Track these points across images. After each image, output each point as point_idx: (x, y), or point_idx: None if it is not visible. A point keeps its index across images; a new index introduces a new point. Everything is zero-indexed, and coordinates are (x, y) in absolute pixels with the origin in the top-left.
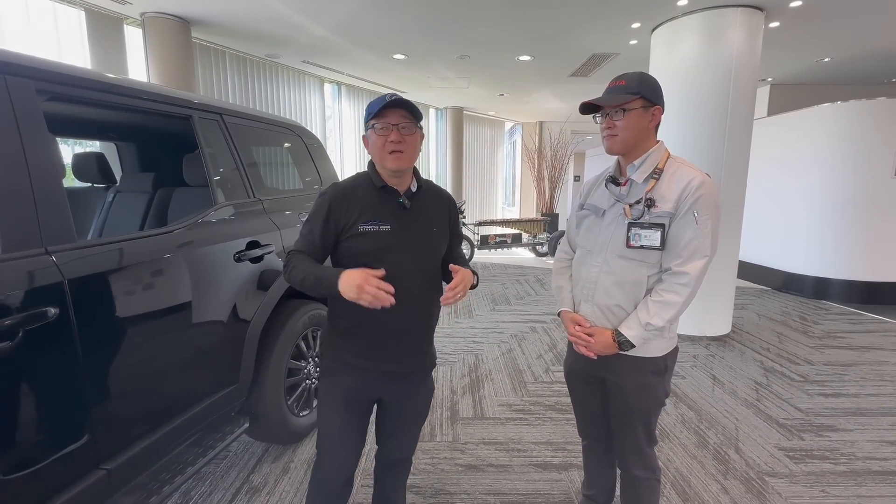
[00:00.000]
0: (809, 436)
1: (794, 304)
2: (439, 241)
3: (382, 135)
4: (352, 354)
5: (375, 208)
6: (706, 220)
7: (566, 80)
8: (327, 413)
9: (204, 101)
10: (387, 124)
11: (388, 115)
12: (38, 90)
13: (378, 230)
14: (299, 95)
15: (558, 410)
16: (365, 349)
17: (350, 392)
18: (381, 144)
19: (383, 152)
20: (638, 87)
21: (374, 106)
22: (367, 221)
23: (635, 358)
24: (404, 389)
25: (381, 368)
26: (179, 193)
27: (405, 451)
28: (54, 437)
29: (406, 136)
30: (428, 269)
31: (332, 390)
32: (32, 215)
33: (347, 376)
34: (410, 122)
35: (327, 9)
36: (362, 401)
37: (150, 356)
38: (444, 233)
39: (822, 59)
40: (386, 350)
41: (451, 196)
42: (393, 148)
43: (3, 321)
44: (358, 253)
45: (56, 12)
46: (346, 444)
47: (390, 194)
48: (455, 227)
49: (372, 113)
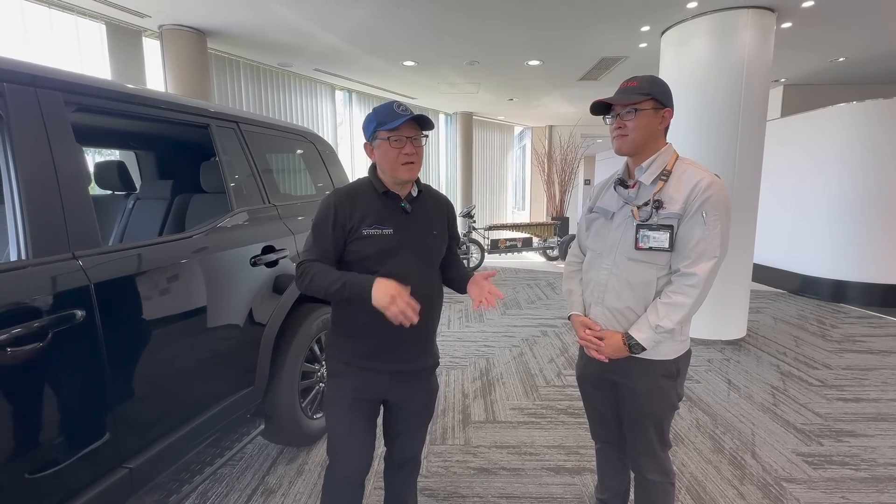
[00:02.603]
0: (829, 441)
1: (812, 307)
2: (439, 244)
3: (397, 147)
4: (356, 355)
5: (378, 212)
6: (715, 221)
7: (575, 84)
8: (335, 414)
9: (221, 109)
10: (401, 137)
11: (402, 128)
12: (66, 102)
13: (381, 234)
14: (311, 103)
15: (570, 414)
16: (369, 350)
17: (356, 392)
18: (395, 156)
19: (397, 163)
20: (649, 88)
21: (386, 117)
22: (371, 225)
23: (647, 361)
24: (409, 388)
25: (385, 368)
26: (197, 200)
27: (413, 451)
28: (80, 436)
29: (417, 147)
30: (429, 271)
31: (338, 391)
32: (61, 222)
33: (353, 377)
34: (421, 135)
35: (339, 18)
36: (369, 401)
37: (170, 358)
38: (443, 235)
39: (837, 59)
40: (389, 350)
41: (448, 200)
42: (407, 160)
43: (33, 323)
44: (362, 256)
45: (78, 26)
46: (357, 444)
47: (392, 199)
48: (452, 229)
49: (385, 125)
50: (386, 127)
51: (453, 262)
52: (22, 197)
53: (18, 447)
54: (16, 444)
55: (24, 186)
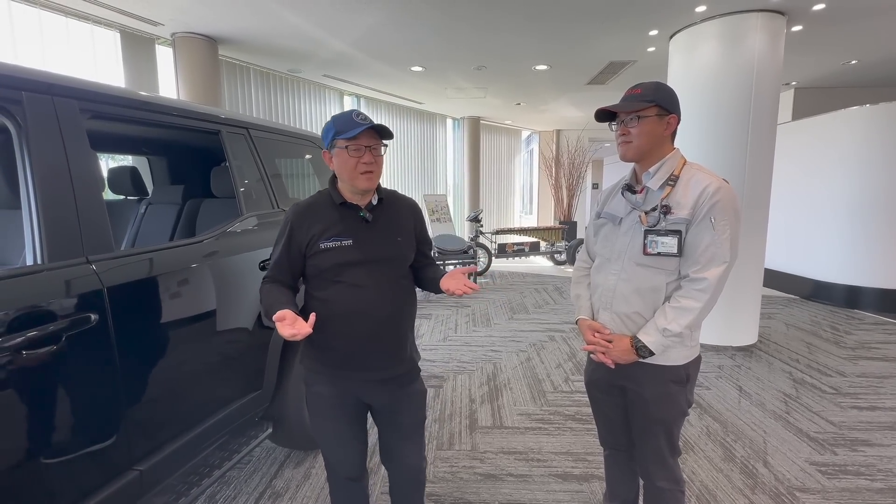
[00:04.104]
0: (843, 450)
1: (825, 313)
2: (405, 250)
3: (355, 156)
4: (326, 364)
5: (336, 224)
6: (724, 226)
7: (583, 89)
8: (315, 420)
9: (231, 115)
10: (360, 146)
11: (361, 136)
12: (81, 109)
13: (340, 245)
14: (320, 108)
15: (578, 420)
16: (339, 358)
17: (332, 399)
18: (354, 165)
19: (355, 173)
20: (653, 95)
21: (345, 126)
22: (329, 238)
23: (656, 366)
24: (388, 395)
25: (357, 377)
26: (207, 205)
27: (410, 458)
28: (92, 438)
29: (376, 156)
30: (395, 279)
31: (315, 399)
32: (76, 227)
33: (326, 384)
34: (380, 143)
35: (348, 25)
36: (349, 404)
37: (180, 361)
38: (409, 241)
39: (849, 62)
40: (357, 359)
41: (414, 203)
42: (365, 169)
43: (48, 326)
44: (322, 269)
45: (93, 34)
46: (341, 445)
47: (351, 209)
48: (421, 233)
49: (343, 133)
50: (344, 136)
51: (426, 264)
52: (38, 202)
53: (32, 448)
54: (30, 445)
55: (41, 192)
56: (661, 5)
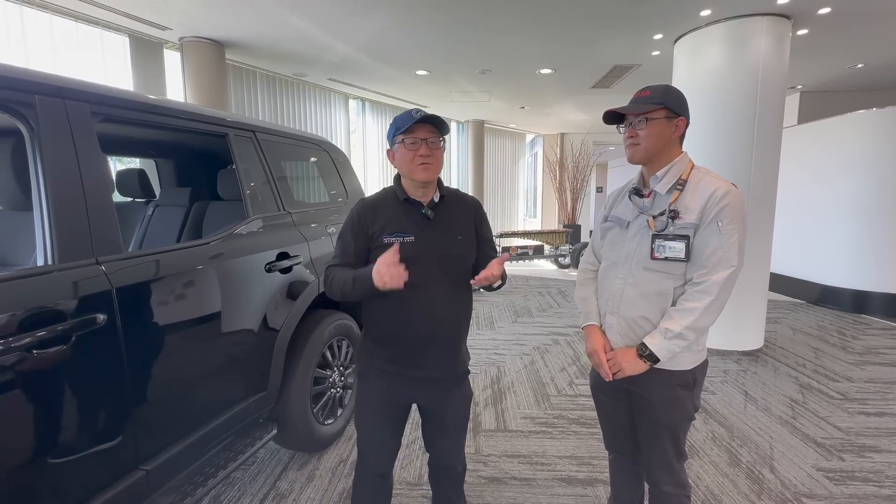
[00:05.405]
0: (850, 456)
1: (832, 318)
2: (465, 249)
3: (412, 149)
4: (383, 360)
5: (399, 220)
6: (731, 231)
7: (588, 92)
8: (362, 414)
9: (238, 119)
10: (416, 139)
11: (417, 130)
12: (92, 112)
13: (402, 241)
14: (325, 111)
15: (583, 424)
16: (395, 355)
17: (384, 395)
18: (411, 158)
19: (413, 165)
20: (662, 97)
21: (402, 122)
22: (392, 233)
23: (662, 371)
24: (438, 394)
25: (411, 374)
26: (214, 207)
27: (451, 458)
28: (99, 438)
29: (433, 149)
30: (455, 277)
31: (366, 394)
32: (85, 228)
33: (380, 381)
34: (437, 137)
35: (353, 29)
36: (397, 404)
37: (186, 361)
38: (469, 239)
39: (855, 66)
40: (414, 356)
41: (477, 202)
42: (422, 161)
43: (57, 327)
44: None
45: (103, 38)
46: (379, 444)
47: (414, 206)
48: (482, 231)
49: (401, 129)
50: (402, 131)
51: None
52: (49, 204)
53: (40, 446)
54: (38, 444)
55: (52, 194)
56: (665, 9)
